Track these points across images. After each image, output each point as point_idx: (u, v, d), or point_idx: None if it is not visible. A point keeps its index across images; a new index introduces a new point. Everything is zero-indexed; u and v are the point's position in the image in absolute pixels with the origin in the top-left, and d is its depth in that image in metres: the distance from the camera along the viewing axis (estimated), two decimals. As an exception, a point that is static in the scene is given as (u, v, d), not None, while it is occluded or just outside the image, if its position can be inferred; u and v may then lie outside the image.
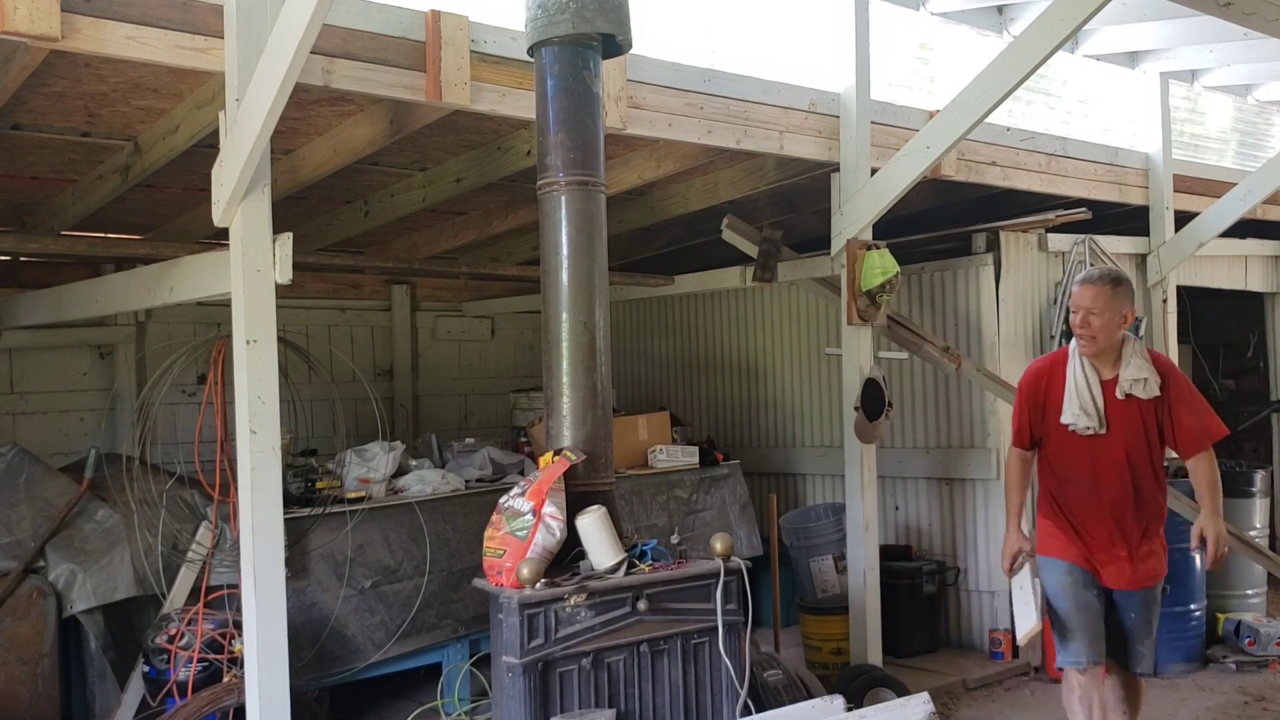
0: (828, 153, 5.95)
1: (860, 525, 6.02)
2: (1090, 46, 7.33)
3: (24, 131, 4.83)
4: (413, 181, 6.12)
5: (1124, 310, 4.33)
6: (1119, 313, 4.31)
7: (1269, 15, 4.63)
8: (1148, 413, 4.32)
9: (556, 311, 4.37)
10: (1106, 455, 4.32)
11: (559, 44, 4.31)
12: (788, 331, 8.09)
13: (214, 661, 4.63)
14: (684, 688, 4.17)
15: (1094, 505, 4.36)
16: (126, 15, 3.75)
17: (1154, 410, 4.32)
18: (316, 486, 5.33)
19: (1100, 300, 4.31)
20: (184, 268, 4.52)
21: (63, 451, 6.63)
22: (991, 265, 6.94)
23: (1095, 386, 4.34)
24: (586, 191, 4.37)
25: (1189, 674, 6.55)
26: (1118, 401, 4.31)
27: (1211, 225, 7.69)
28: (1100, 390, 4.34)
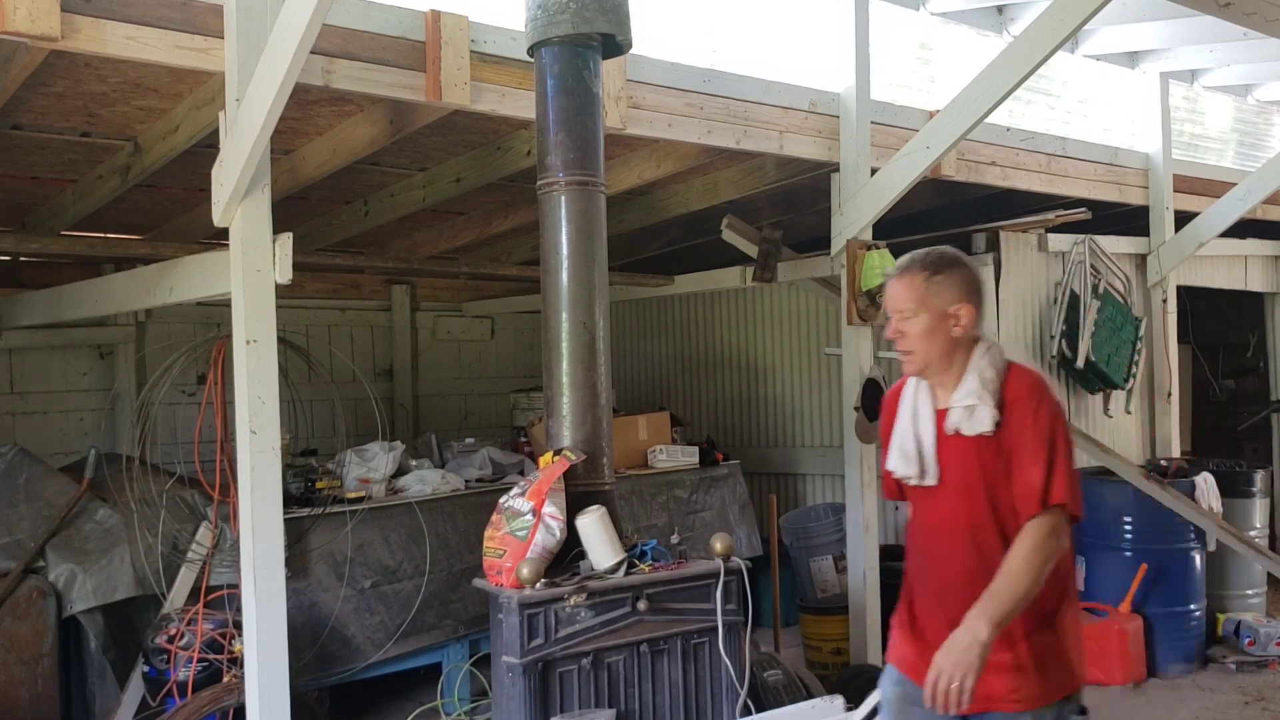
0: (828, 153, 5.95)
1: (860, 525, 6.02)
2: (1090, 46, 7.33)
3: (24, 131, 4.83)
4: (413, 181, 6.12)
5: (952, 308, 2.95)
6: (942, 311, 2.95)
7: (1269, 15, 4.63)
8: (987, 456, 2.90)
9: (556, 311, 4.37)
10: (942, 516, 3.00)
11: (559, 44, 4.31)
12: (788, 331, 8.09)
13: (214, 661, 4.63)
14: (684, 688, 4.17)
15: (929, 587, 3.06)
16: (126, 15, 3.75)
17: (995, 452, 2.90)
18: (316, 486, 5.33)
19: (911, 296, 2.98)
20: (184, 268, 4.52)
21: (63, 451, 6.63)
22: (991, 265, 6.94)
23: (925, 419, 3.02)
24: (586, 191, 4.37)
25: (1189, 674, 6.55)
26: (948, 440, 2.96)
27: (1211, 225, 7.69)
28: (932, 424, 3.01)
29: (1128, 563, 6.55)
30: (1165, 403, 7.87)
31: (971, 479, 2.92)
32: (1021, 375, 2.96)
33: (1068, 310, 7.09)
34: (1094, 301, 7.12)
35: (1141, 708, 6.01)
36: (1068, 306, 7.09)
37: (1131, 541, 6.63)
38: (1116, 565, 6.61)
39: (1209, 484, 6.79)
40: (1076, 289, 7.17)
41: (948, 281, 2.98)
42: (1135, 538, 6.63)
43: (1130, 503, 6.60)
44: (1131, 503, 6.60)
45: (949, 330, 2.96)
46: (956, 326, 2.96)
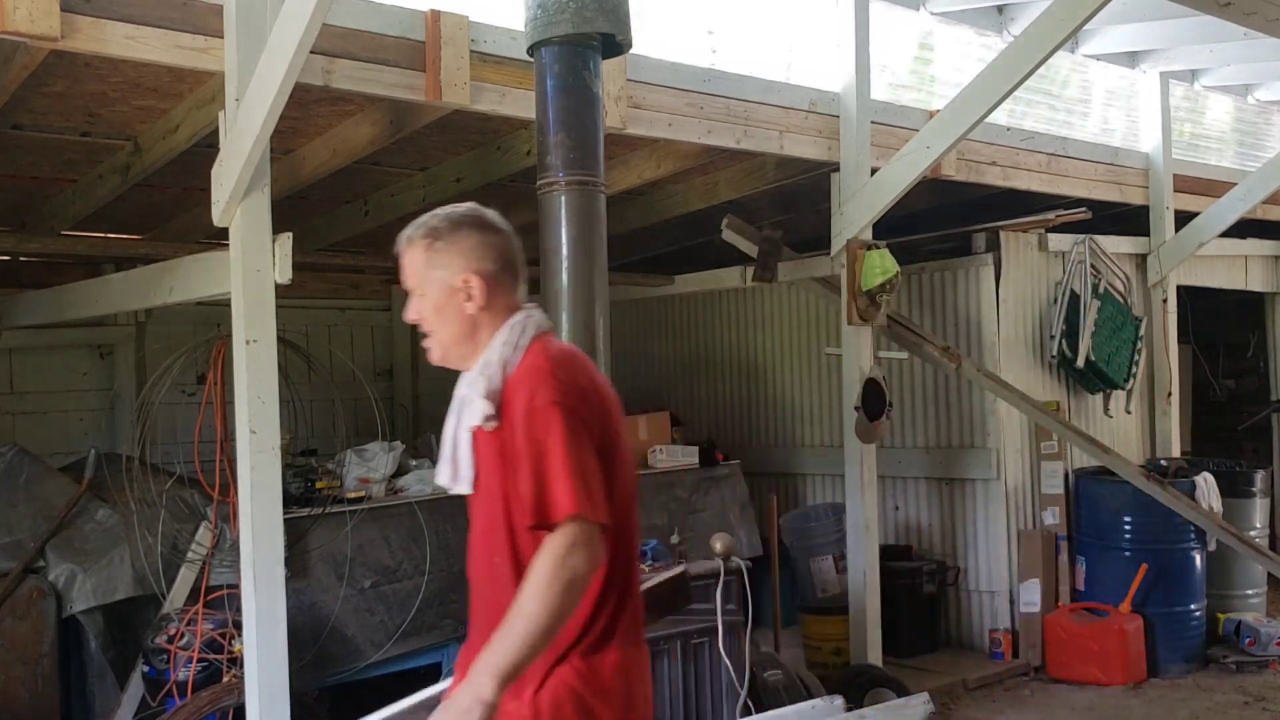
0: (828, 153, 5.95)
1: (860, 525, 6.02)
2: (1090, 46, 7.33)
3: (24, 131, 4.82)
4: (413, 181, 6.12)
5: (459, 279, 2.44)
6: (448, 285, 2.46)
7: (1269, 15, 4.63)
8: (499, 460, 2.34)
9: (556, 311, 4.36)
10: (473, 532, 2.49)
11: (559, 44, 4.31)
12: (788, 331, 8.09)
13: (214, 661, 4.63)
14: (684, 688, 4.17)
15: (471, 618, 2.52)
16: (126, 15, 3.75)
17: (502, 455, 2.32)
18: (316, 486, 5.33)
19: (413, 272, 2.55)
20: (184, 268, 4.51)
21: (63, 451, 6.61)
22: (991, 265, 6.94)
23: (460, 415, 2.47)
24: (586, 191, 4.37)
25: (1189, 674, 6.55)
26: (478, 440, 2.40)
27: (1211, 225, 7.70)
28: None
29: (1128, 563, 6.55)
30: (1165, 403, 7.88)
31: (492, 488, 2.35)
32: (527, 358, 2.37)
33: (1068, 310, 7.09)
34: (1094, 301, 7.12)
35: (1141, 708, 6.01)
36: (1068, 306, 7.09)
37: (1131, 541, 6.64)
38: (1116, 565, 6.61)
39: (1209, 484, 6.80)
40: (1077, 289, 7.17)
41: (450, 250, 2.46)
42: (1135, 538, 6.63)
43: (1130, 503, 6.61)
44: (1132, 503, 6.60)
45: (461, 307, 2.45)
46: (468, 301, 2.43)
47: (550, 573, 2.13)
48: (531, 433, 2.24)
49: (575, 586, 2.15)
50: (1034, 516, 7.00)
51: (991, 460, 6.87)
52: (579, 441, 2.24)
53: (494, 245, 2.47)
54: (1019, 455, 6.97)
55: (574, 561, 2.15)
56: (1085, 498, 6.86)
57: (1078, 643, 6.42)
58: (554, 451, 2.21)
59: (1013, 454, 6.92)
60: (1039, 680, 6.51)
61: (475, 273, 2.43)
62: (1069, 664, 6.44)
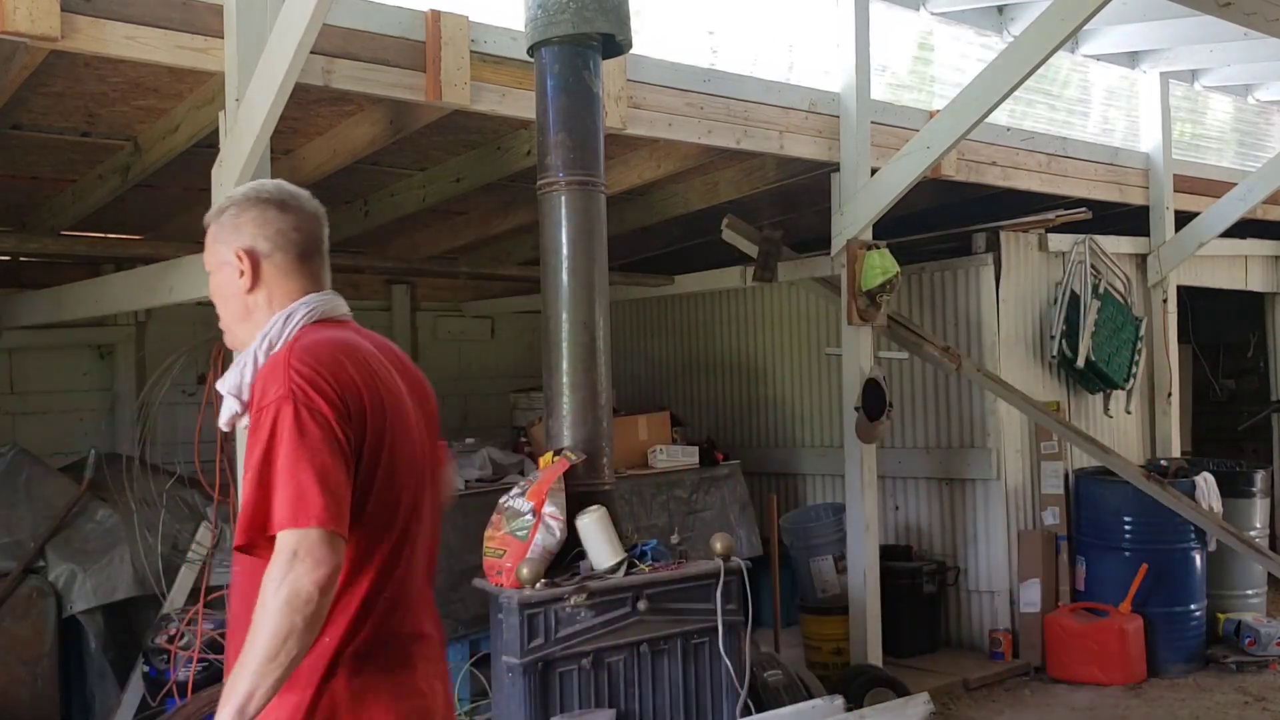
0: (828, 153, 5.95)
1: (860, 525, 6.02)
2: (1090, 46, 7.33)
3: (24, 131, 4.82)
4: (413, 181, 6.12)
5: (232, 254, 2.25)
6: (224, 262, 2.28)
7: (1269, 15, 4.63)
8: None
9: (556, 311, 4.37)
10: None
11: (559, 44, 4.31)
12: (788, 331, 8.09)
13: (214, 661, 4.63)
14: (684, 688, 4.17)
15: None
16: (126, 15, 3.75)
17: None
18: (316, 486, 5.32)
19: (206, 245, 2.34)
20: (184, 268, 4.51)
21: (63, 451, 6.61)
22: (991, 265, 6.94)
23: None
24: (586, 191, 4.37)
25: (1189, 674, 6.55)
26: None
27: (1212, 225, 7.70)
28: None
29: (1128, 563, 6.55)
30: (1165, 403, 7.88)
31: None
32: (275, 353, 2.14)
33: (1068, 310, 7.09)
34: (1094, 301, 7.12)
35: (1141, 707, 6.01)
36: (1068, 306, 7.09)
37: (1131, 541, 6.64)
38: (1116, 565, 6.61)
39: (1209, 484, 6.80)
40: (1077, 289, 7.17)
41: (232, 225, 2.25)
42: (1135, 538, 6.63)
43: (1130, 503, 6.61)
44: (1132, 503, 6.60)
45: (236, 285, 2.26)
46: (243, 279, 2.24)
47: (269, 593, 1.90)
48: (255, 433, 2.01)
49: (298, 604, 1.88)
50: (1034, 516, 7.00)
51: (991, 460, 6.87)
52: (306, 441, 1.97)
53: (280, 221, 2.25)
54: (1019, 455, 6.97)
55: (294, 576, 1.89)
56: (1085, 498, 6.86)
57: (1078, 643, 6.42)
58: (274, 454, 1.97)
59: (1013, 454, 6.92)
60: (1039, 680, 6.51)
61: (247, 250, 2.23)
62: (1069, 664, 6.44)
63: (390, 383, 2.18)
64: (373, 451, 2.08)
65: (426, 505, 2.24)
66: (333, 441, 1.99)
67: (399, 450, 2.13)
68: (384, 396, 2.13)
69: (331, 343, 2.15)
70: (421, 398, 2.28)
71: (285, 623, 1.88)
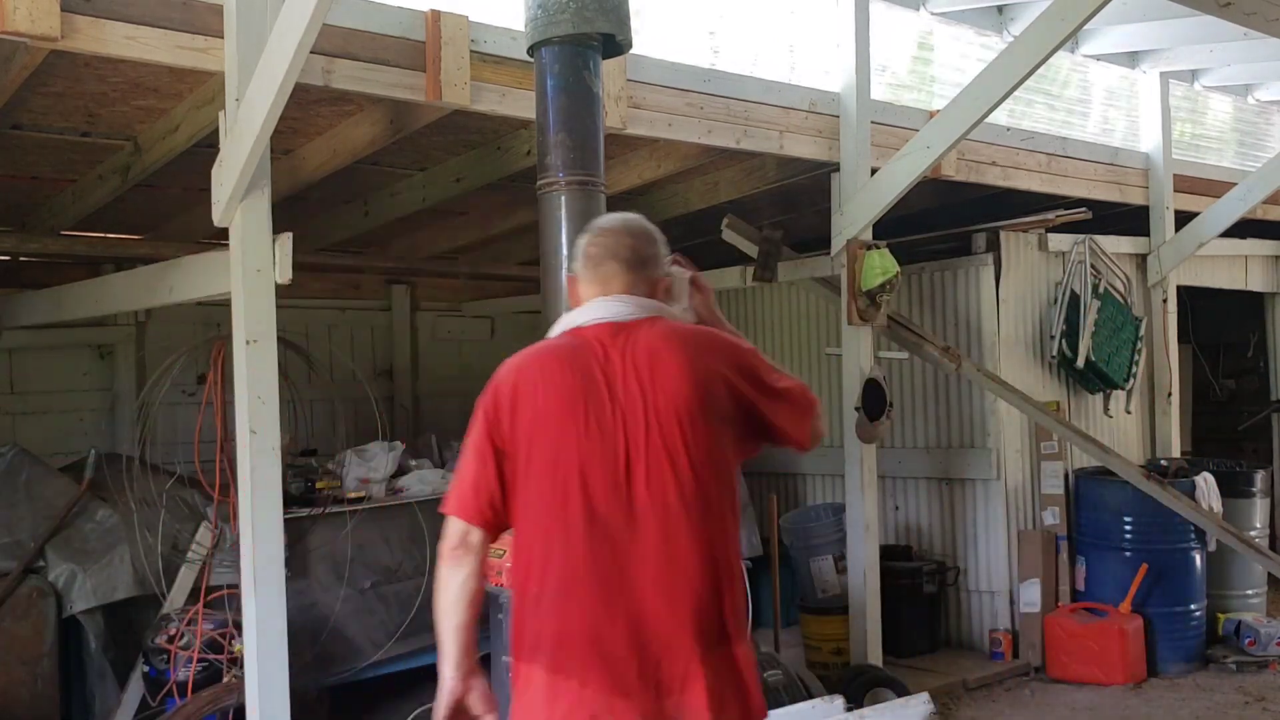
0: (828, 153, 5.95)
1: (860, 525, 6.02)
2: (1090, 46, 7.33)
3: (24, 131, 4.83)
4: (413, 181, 6.12)
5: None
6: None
7: (1269, 15, 4.63)
8: None
9: (556, 311, 4.36)
10: None
11: (559, 44, 4.30)
12: (788, 331, 8.09)
13: (214, 661, 4.63)
14: (684, 688, 4.16)
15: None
16: (126, 15, 3.75)
17: None
18: (316, 486, 5.33)
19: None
20: (184, 268, 4.52)
21: (63, 451, 6.61)
22: (991, 265, 6.94)
23: None
24: (586, 191, 4.36)
25: (1189, 674, 6.55)
26: None
27: (1211, 225, 7.69)
28: None
29: (1128, 563, 6.55)
30: (1165, 403, 7.88)
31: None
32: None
33: (1068, 310, 7.09)
34: (1094, 301, 7.12)
35: (1141, 707, 6.01)
36: (1068, 306, 7.09)
37: (1132, 541, 6.63)
38: (1117, 565, 6.61)
39: (1209, 484, 6.80)
40: (1077, 289, 7.17)
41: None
42: (1135, 538, 6.63)
43: (1130, 503, 6.60)
44: (1132, 503, 6.60)
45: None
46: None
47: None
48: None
49: (436, 573, 2.41)
50: (1034, 516, 7.00)
51: (991, 460, 6.87)
52: (467, 441, 2.42)
53: (581, 245, 2.63)
54: (1019, 455, 6.97)
55: (440, 547, 2.40)
56: (1085, 498, 6.86)
57: (1078, 643, 6.42)
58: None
59: (1013, 454, 6.91)
60: (1039, 680, 6.51)
61: (569, 271, 2.66)
62: (1069, 664, 6.44)
63: (538, 385, 2.41)
64: (515, 450, 2.38)
65: (552, 501, 2.34)
66: (479, 441, 2.41)
67: (536, 448, 2.36)
68: (523, 399, 2.40)
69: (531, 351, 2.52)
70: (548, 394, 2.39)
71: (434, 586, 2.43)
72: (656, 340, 2.41)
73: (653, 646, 2.25)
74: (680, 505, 2.30)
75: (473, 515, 2.38)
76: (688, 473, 2.32)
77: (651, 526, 2.29)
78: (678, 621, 2.26)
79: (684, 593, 2.27)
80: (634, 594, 2.27)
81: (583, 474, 2.31)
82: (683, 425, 2.33)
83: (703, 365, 2.39)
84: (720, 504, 2.36)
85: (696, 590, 2.28)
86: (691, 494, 2.31)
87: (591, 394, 2.36)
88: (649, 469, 2.31)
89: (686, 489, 2.31)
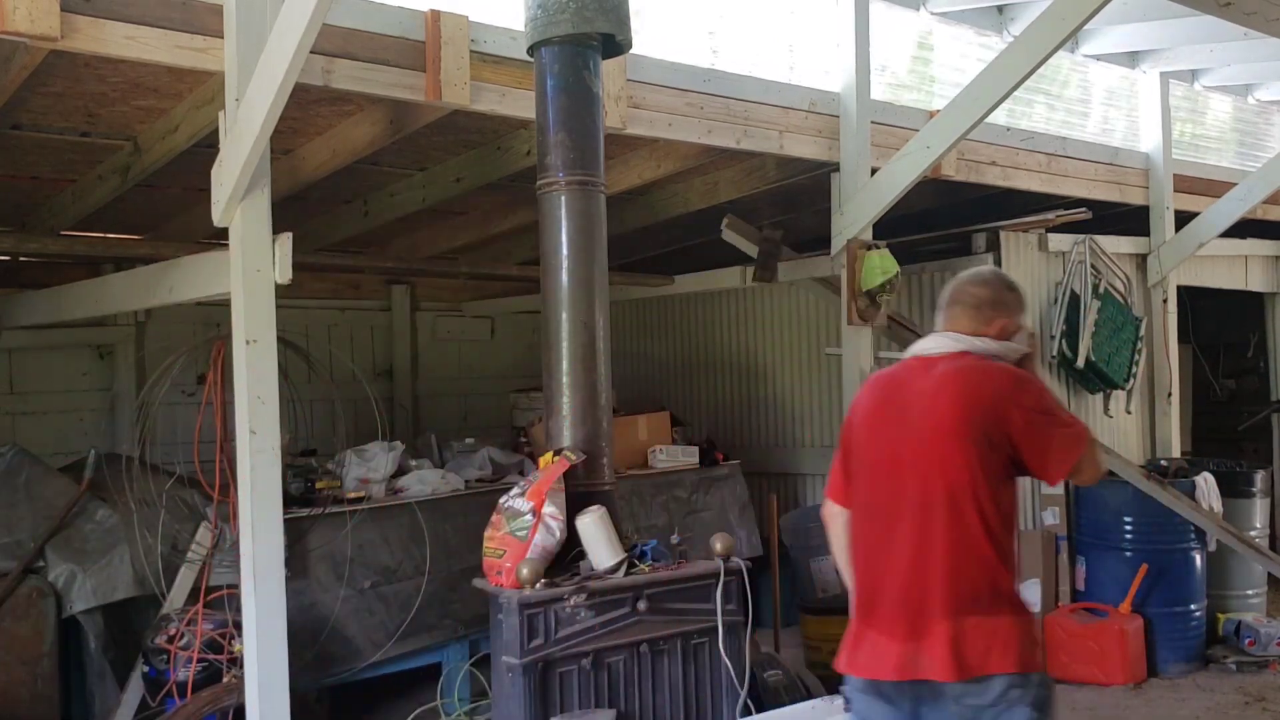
0: (828, 153, 5.95)
1: (860, 525, 6.01)
2: (1090, 46, 7.33)
3: (24, 131, 4.82)
4: (413, 181, 6.12)
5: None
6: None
7: (1269, 15, 4.63)
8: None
9: (556, 311, 4.37)
10: None
11: (559, 44, 4.31)
12: (788, 331, 8.09)
13: (214, 661, 4.63)
14: (684, 688, 4.17)
15: None
16: (126, 15, 3.75)
17: None
18: (316, 486, 5.33)
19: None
20: (184, 268, 4.52)
21: (62, 451, 6.62)
22: (992, 265, 6.94)
23: None
24: (586, 191, 4.37)
25: (1189, 674, 6.55)
26: None
27: (1212, 225, 7.69)
28: None
29: (1128, 563, 6.55)
30: (1165, 403, 7.87)
31: None
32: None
33: (1068, 310, 7.09)
34: (1094, 301, 7.12)
35: (1142, 708, 6.01)
36: (1068, 306, 7.09)
37: (1132, 541, 6.63)
38: (1117, 565, 6.61)
39: (1209, 484, 6.80)
40: (1077, 289, 7.17)
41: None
42: (1135, 538, 6.63)
43: (1130, 503, 6.60)
44: (1132, 503, 6.60)
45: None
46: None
47: None
48: None
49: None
50: (1034, 516, 6.99)
51: (991, 460, 6.86)
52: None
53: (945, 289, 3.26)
54: (1019, 455, 6.95)
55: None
56: (1085, 498, 6.86)
57: (1078, 643, 6.42)
58: None
59: (1013, 454, 6.90)
60: (1039, 680, 6.50)
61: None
62: (1069, 664, 6.44)
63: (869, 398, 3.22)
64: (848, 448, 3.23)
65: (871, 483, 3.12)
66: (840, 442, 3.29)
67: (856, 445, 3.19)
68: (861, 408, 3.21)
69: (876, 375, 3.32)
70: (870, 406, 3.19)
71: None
72: (949, 371, 3.03)
73: (910, 606, 2.95)
74: (929, 500, 2.94)
75: (834, 495, 3.28)
76: (938, 475, 2.93)
77: (911, 515, 2.97)
78: (926, 590, 2.93)
79: (931, 569, 2.93)
80: (897, 562, 2.99)
81: (872, 472, 3.11)
82: (945, 441, 2.94)
83: (976, 395, 2.96)
84: (960, 504, 2.92)
85: (940, 569, 2.92)
86: (941, 494, 2.93)
87: (888, 412, 3.11)
88: (913, 470, 2.98)
89: (936, 488, 2.94)
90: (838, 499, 3.28)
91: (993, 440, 2.91)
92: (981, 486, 2.91)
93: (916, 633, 2.93)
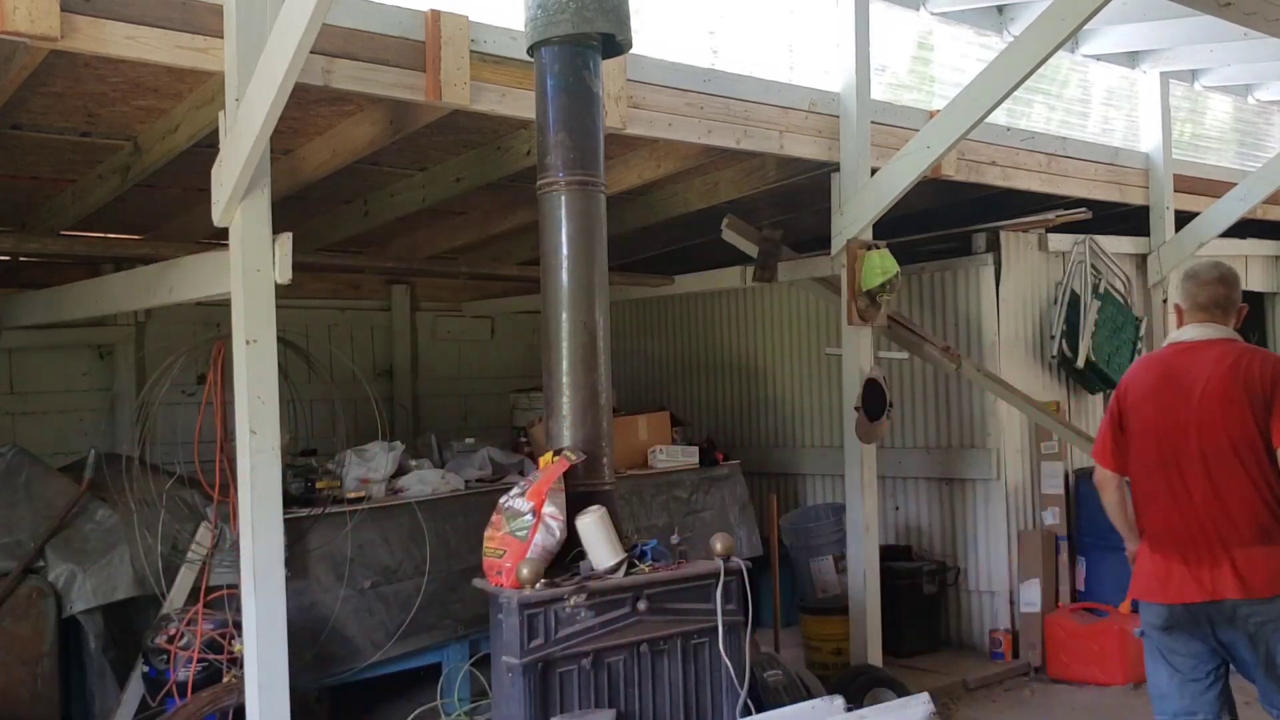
0: (828, 153, 5.95)
1: (860, 525, 6.02)
2: (1090, 46, 7.33)
3: (24, 131, 4.82)
4: (413, 181, 6.12)
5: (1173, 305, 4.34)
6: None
7: (1269, 15, 4.63)
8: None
9: (556, 311, 4.37)
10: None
11: (559, 44, 4.31)
12: (788, 331, 8.09)
13: (214, 661, 4.63)
14: (684, 688, 4.17)
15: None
16: (126, 15, 3.75)
17: None
18: (316, 486, 5.33)
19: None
20: (184, 268, 4.51)
21: (62, 451, 6.61)
22: (991, 265, 6.94)
23: None
24: (586, 191, 4.37)
25: (1189, 674, 6.53)
26: None
27: (1211, 225, 7.69)
28: None
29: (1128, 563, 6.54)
30: (1165, 403, 7.86)
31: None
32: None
33: (1068, 310, 7.09)
34: (1094, 301, 7.12)
35: (1142, 708, 6.00)
36: (1068, 306, 7.09)
37: (1132, 541, 6.62)
38: (1116, 565, 6.54)
39: (1209, 484, 6.78)
40: (1077, 289, 7.17)
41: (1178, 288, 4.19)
42: (1135, 538, 6.62)
43: (1130, 503, 6.59)
44: (1132, 503, 6.59)
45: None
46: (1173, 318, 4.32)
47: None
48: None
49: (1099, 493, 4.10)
50: (1034, 516, 7.00)
51: (991, 460, 6.87)
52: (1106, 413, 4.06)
53: (1187, 288, 3.94)
54: (1019, 455, 6.97)
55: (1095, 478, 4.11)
56: (1085, 498, 6.85)
57: (1078, 643, 6.42)
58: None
59: (1013, 454, 6.92)
60: (1039, 680, 6.51)
61: (1176, 303, 4.03)
62: (1069, 664, 6.44)
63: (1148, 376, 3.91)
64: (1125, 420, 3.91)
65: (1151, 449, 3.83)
66: (1111, 412, 3.99)
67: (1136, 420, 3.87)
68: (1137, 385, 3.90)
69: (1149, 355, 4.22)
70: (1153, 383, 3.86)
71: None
72: (1220, 352, 3.76)
73: (1202, 538, 3.69)
74: (1214, 454, 3.67)
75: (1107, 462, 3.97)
76: (1221, 434, 3.66)
77: (1198, 467, 3.70)
78: (1215, 525, 3.67)
79: (1222, 510, 3.67)
80: (1191, 507, 3.71)
81: (1158, 434, 3.78)
82: (1222, 406, 3.67)
83: (1244, 370, 3.68)
84: (1242, 456, 3.65)
85: (1225, 508, 3.66)
86: (1223, 447, 3.66)
87: (1166, 384, 3.80)
88: (1198, 431, 3.69)
89: (1220, 444, 3.66)
90: (1111, 465, 3.96)
91: (1261, 406, 3.64)
92: (1257, 441, 3.64)
93: (1216, 560, 3.65)
